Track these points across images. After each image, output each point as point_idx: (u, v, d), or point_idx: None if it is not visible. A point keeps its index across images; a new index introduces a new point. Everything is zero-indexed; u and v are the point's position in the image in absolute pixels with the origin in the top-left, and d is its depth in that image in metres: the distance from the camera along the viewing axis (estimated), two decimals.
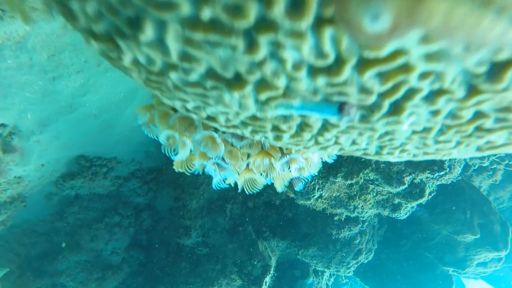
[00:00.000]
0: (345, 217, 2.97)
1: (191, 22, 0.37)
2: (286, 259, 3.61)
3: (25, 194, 2.49)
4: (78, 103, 2.05)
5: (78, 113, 2.12)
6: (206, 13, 0.36)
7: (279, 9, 0.34)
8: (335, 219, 3.05)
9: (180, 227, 3.15)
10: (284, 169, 0.87)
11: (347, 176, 2.36)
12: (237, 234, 3.18)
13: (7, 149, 2.02)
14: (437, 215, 3.78)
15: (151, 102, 0.95)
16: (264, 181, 0.87)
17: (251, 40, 0.37)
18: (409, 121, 0.49)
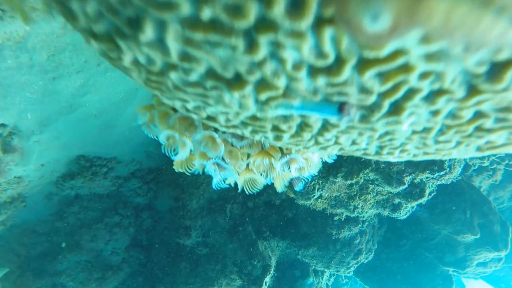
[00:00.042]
0: (345, 217, 2.97)
1: (191, 22, 0.37)
2: (286, 259, 3.60)
3: (25, 194, 2.49)
4: (78, 103, 2.04)
5: (78, 113, 2.12)
6: (206, 13, 0.36)
7: (279, 9, 0.34)
8: (335, 219, 3.05)
9: (180, 227, 3.15)
10: (284, 169, 0.87)
11: (347, 176, 2.36)
12: (237, 234, 3.18)
13: (7, 149, 2.02)
14: (437, 215, 3.78)
15: (151, 102, 0.94)
16: (264, 181, 0.87)
17: (251, 40, 0.37)
18: (409, 121, 0.49)
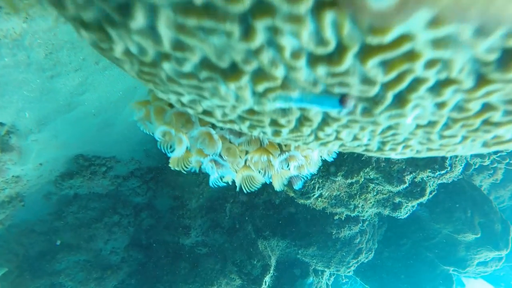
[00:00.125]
0: (345, 216, 2.95)
1: (184, 6, 0.35)
2: (286, 259, 3.59)
3: (23, 193, 2.48)
4: (76, 102, 2.03)
5: (76, 111, 2.10)
6: None
7: None
8: (335, 218, 3.03)
9: (179, 227, 3.13)
10: (282, 167, 0.85)
11: (347, 175, 2.34)
12: (237, 233, 3.17)
13: (4, 148, 2.00)
14: (438, 214, 3.77)
15: (148, 98, 0.92)
16: (262, 179, 0.85)
17: (247, 25, 0.35)
18: (413, 114, 0.46)
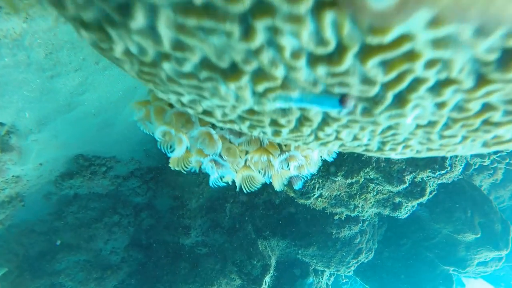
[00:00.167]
0: (345, 216, 2.95)
1: (184, 6, 0.35)
2: (286, 259, 3.59)
3: (23, 193, 2.48)
4: (76, 102, 2.03)
5: (76, 111, 2.10)
6: None
7: None
8: (335, 218, 3.03)
9: (179, 227, 3.13)
10: (282, 167, 0.85)
11: (347, 175, 2.34)
12: (237, 233, 3.17)
13: (4, 148, 2.00)
14: (438, 214, 3.77)
15: (148, 98, 0.92)
16: (262, 179, 0.85)
17: (247, 25, 0.35)
18: (413, 114, 0.46)
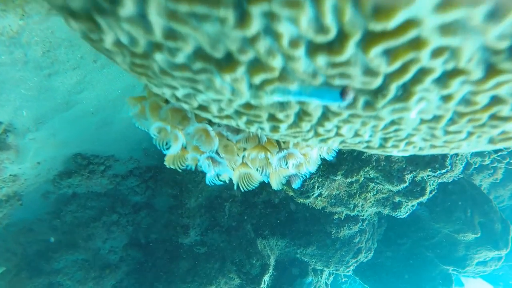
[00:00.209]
0: (344, 215, 2.93)
1: None
2: (285, 258, 3.57)
3: (21, 192, 2.46)
4: (74, 100, 2.01)
5: (74, 110, 2.08)
6: None
7: None
8: (335, 218, 3.02)
9: (178, 226, 3.12)
10: (281, 165, 0.83)
11: (347, 174, 2.32)
12: (236, 232, 3.15)
13: (2, 147, 1.98)
14: (438, 213, 3.76)
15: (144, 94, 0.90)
16: (260, 177, 0.83)
17: (242, 11, 0.33)
18: (417, 108, 0.44)
